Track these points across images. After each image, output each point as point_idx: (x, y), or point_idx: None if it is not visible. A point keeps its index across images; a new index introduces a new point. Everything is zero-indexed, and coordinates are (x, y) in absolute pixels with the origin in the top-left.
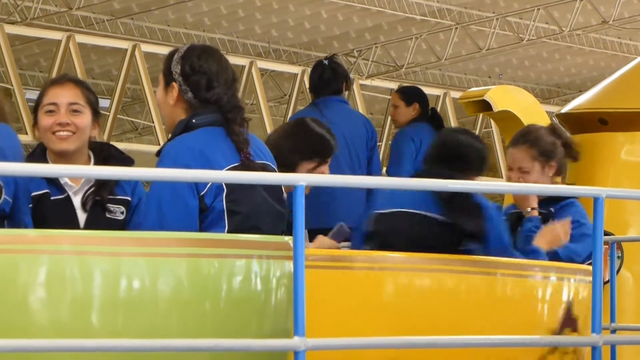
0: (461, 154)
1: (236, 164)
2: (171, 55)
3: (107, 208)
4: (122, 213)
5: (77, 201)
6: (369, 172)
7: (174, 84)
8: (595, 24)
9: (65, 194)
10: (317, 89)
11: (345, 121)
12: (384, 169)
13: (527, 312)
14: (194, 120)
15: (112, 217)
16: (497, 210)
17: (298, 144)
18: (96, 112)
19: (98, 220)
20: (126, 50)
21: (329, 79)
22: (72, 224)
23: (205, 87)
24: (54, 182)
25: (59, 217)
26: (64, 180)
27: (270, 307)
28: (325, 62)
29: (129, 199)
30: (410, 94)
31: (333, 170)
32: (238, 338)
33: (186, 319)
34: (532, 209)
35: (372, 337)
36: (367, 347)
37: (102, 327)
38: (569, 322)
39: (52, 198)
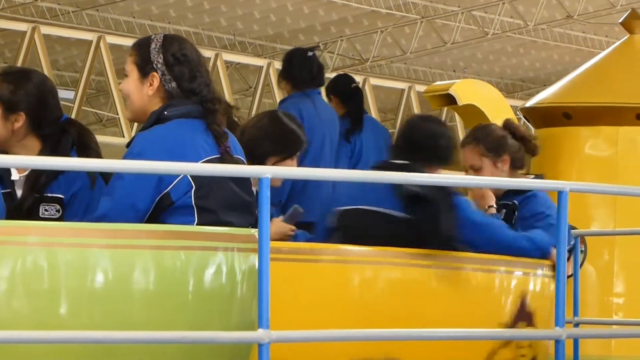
0: (426, 145)
1: (214, 156)
2: (146, 44)
3: (41, 208)
4: (57, 211)
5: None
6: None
7: (154, 74)
8: (559, 19)
9: (11, 189)
10: (305, 82)
11: (329, 115)
12: None
13: (489, 305)
14: (165, 112)
15: (46, 216)
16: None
17: (270, 137)
18: (8, 108)
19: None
20: (91, 41)
21: (317, 72)
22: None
23: (188, 77)
24: (1, 177)
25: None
26: (13, 175)
27: (236, 299)
28: (311, 54)
29: (62, 196)
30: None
31: (318, 164)
32: (204, 330)
33: (152, 311)
34: (489, 206)
35: (336, 329)
36: (330, 339)
37: (68, 319)
38: (523, 316)
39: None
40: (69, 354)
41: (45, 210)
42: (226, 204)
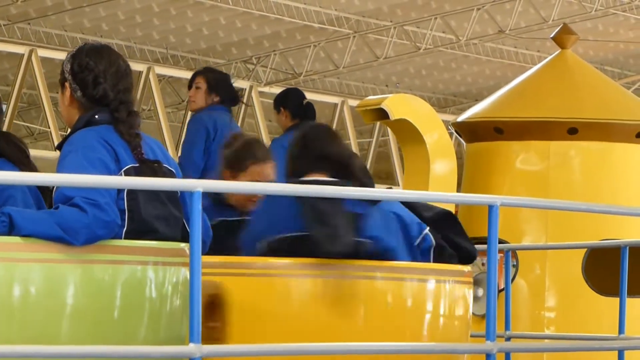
0: None
1: (135, 165)
2: (67, 55)
3: None
4: None
5: None
6: None
7: (66, 83)
8: (491, 34)
9: None
10: (229, 101)
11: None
12: None
13: (411, 317)
14: (96, 117)
15: None
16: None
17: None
18: None
19: None
20: (23, 55)
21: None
22: None
23: (91, 84)
24: None
25: None
26: None
27: (165, 313)
28: (233, 80)
29: None
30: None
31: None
32: (133, 344)
33: (81, 325)
34: None
35: (266, 344)
36: (261, 354)
37: None
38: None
39: None
40: None
41: None
42: (154, 212)
